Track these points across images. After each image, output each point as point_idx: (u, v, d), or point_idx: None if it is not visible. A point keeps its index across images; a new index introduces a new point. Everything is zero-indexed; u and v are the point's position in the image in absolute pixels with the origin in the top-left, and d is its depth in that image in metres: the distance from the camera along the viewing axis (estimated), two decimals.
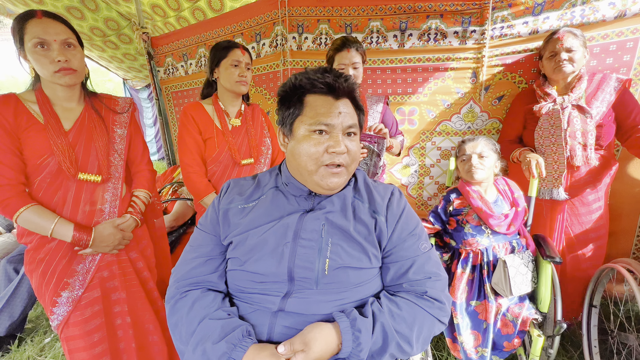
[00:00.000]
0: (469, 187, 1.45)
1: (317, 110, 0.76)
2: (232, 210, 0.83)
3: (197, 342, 0.69)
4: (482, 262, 1.37)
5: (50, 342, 1.90)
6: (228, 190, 0.89)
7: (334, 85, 0.76)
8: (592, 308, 1.52)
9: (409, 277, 0.77)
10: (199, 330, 0.71)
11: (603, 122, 1.47)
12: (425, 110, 1.94)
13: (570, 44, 1.44)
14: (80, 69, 1.12)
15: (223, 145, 1.46)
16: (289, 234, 0.75)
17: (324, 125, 0.75)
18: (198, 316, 0.73)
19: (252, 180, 0.90)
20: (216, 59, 1.45)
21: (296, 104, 0.78)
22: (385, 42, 1.87)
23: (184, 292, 0.79)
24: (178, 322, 0.75)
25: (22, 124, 1.06)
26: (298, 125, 0.78)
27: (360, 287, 0.75)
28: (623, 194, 1.68)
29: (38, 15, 1.05)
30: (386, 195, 0.85)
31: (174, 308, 0.77)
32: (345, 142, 0.76)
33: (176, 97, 2.69)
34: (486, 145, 1.46)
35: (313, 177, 0.77)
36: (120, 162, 1.24)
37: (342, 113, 0.76)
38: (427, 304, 0.74)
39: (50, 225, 1.06)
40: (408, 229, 0.81)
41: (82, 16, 2.74)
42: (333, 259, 0.73)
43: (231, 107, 1.52)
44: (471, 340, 1.31)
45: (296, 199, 0.82)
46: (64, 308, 1.12)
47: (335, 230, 0.76)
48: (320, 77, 0.76)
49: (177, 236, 1.91)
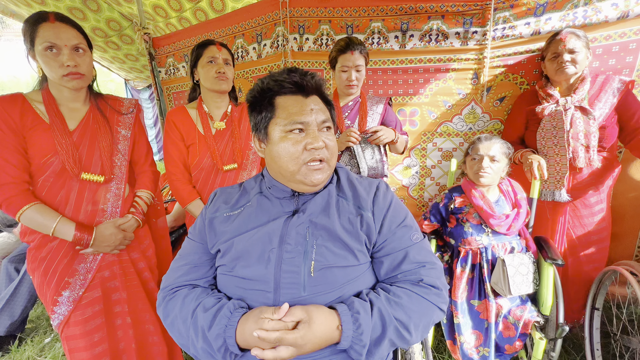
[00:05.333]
0: (472, 186, 1.44)
1: (290, 110, 0.76)
2: (217, 218, 0.83)
3: (196, 335, 0.71)
4: (482, 261, 1.37)
5: (51, 342, 1.90)
6: (214, 199, 0.90)
7: (302, 84, 0.77)
8: (595, 311, 1.51)
9: (403, 268, 0.77)
10: (193, 323, 0.72)
11: (606, 124, 1.46)
12: (427, 111, 1.93)
13: (573, 45, 1.43)
14: (88, 73, 1.13)
15: (204, 151, 1.42)
16: (275, 240, 0.75)
17: (299, 124, 0.75)
18: (191, 308, 0.74)
19: (238, 187, 0.91)
20: (193, 59, 1.41)
21: (267, 107, 0.78)
22: (387, 43, 1.87)
23: (173, 292, 0.80)
24: (174, 321, 0.76)
25: (28, 123, 1.07)
26: (272, 127, 0.78)
27: (348, 285, 0.75)
28: (625, 196, 1.67)
29: (51, 19, 1.05)
30: (371, 190, 0.84)
31: (166, 309, 0.79)
32: (322, 137, 0.77)
33: (177, 97, 2.69)
34: (500, 148, 1.42)
35: (296, 176, 0.77)
36: (124, 162, 1.24)
37: (314, 109, 0.77)
38: (423, 290, 0.74)
39: (52, 224, 1.07)
40: (397, 221, 0.81)
41: (84, 17, 2.74)
42: (318, 260, 0.73)
43: (216, 109, 1.47)
44: (472, 340, 1.31)
45: (280, 201, 0.82)
46: (65, 307, 1.12)
47: (320, 232, 0.76)
48: (287, 77, 0.77)
49: (177, 236, 1.91)
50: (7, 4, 2.72)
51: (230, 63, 1.44)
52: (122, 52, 3.32)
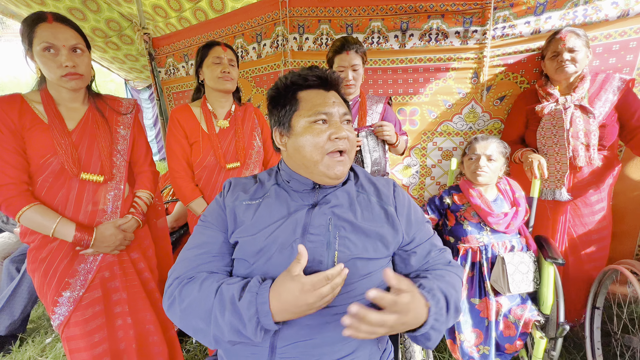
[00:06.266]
0: (469, 186, 1.45)
1: (314, 102, 0.80)
2: (238, 207, 0.83)
3: (221, 309, 0.66)
4: (481, 260, 1.37)
5: (52, 342, 1.90)
6: (231, 188, 0.89)
7: (325, 78, 0.82)
8: (595, 310, 1.50)
9: (432, 255, 0.83)
10: (218, 298, 0.67)
11: (606, 123, 1.46)
12: (427, 111, 1.93)
13: (573, 44, 1.43)
14: (86, 74, 1.13)
15: (208, 149, 1.43)
16: (298, 230, 0.76)
17: (323, 115, 0.79)
18: (213, 288, 0.69)
19: (253, 179, 0.91)
20: (199, 59, 1.43)
21: (291, 101, 0.82)
22: (386, 43, 1.86)
23: (189, 279, 0.74)
24: (191, 303, 0.69)
25: (27, 123, 1.07)
26: (297, 120, 0.80)
27: (368, 278, 0.75)
28: (626, 195, 1.66)
29: (49, 19, 1.05)
30: (389, 187, 0.89)
31: (181, 296, 0.72)
32: (345, 129, 0.80)
33: (177, 97, 2.69)
34: (497, 148, 1.43)
35: (319, 167, 0.78)
36: (123, 162, 1.24)
37: (335, 102, 0.81)
38: (454, 269, 0.82)
39: (52, 224, 1.07)
40: (418, 216, 0.87)
41: (83, 17, 2.74)
42: (342, 251, 0.74)
43: (220, 108, 1.49)
44: (473, 339, 1.31)
45: (299, 194, 0.83)
46: (65, 308, 1.12)
47: (343, 223, 0.77)
48: (310, 72, 0.82)
49: (177, 237, 1.91)
50: (7, 5, 2.72)
51: (235, 64, 1.46)
52: (122, 53, 3.32)
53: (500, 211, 1.39)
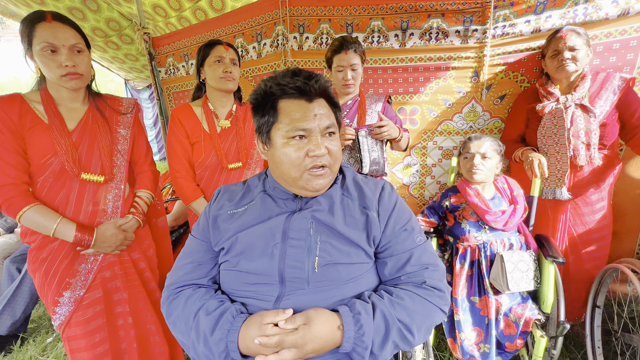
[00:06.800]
0: (467, 185, 1.46)
1: (292, 116, 0.74)
2: (221, 216, 0.84)
3: (197, 337, 0.71)
4: (480, 258, 1.37)
5: (53, 342, 1.90)
6: (218, 197, 0.90)
7: (305, 89, 0.75)
8: (596, 308, 1.50)
9: (407, 270, 0.77)
10: (195, 325, 0.72)
11: (607, 121, 1.46)
12: (427, 110, 1.93)
13: (573, 43, 1.43)
14: (86, 73, 1.13)
15: (210, 149, 1.43)
16: (277, 235, 0.76)
17: (301, 131, 0.74)
18: (193, 310, 0.74)
19: (242, 185, 0.91)
20: (200, 58, 1.43)
21: (269, 111, 0.77)
22: (387, 42, 1.86)
23: (177, 292, 0.80)
24: (176, 321, 0.76)
25: (27, 123, 1.07)
26: (275, 132, 0.76)
27: (352, 283, 0.75)
28: (626, 194, 1.66)
29: (48, 19, 1.04)
30: (377, 190, 0.84)
31: (169, 308, 0.79)
32: (325, 144, 0.75)
33: (177, 97, 2.69)
34: (491, 146, 1.45)
35: (298, 182, 0.77)
36: (124, 162, 1.24)
37: (317, 115, 0.75)
38: (426, 292, 0.74)
39: (52, 225, 1.07)
40: (401, 222, 0.81)
41: (83, 17, 2.74)
42: (322, 257, 0.73)
43: (221, 107, 1.48)
44: (473, 337, 1.31)
45: (284, 201, 0.83)
46: (66, 308, 1.12)
47: (323, 228, 0.76)
48: (290, 81, 0.75)
49: (177, 236, 1.91)
50: (7, 5, 2.71)
51: (237, 63, 1.46)
52: (121, 52, 3.32)
53: (497, 209, 1.40)
